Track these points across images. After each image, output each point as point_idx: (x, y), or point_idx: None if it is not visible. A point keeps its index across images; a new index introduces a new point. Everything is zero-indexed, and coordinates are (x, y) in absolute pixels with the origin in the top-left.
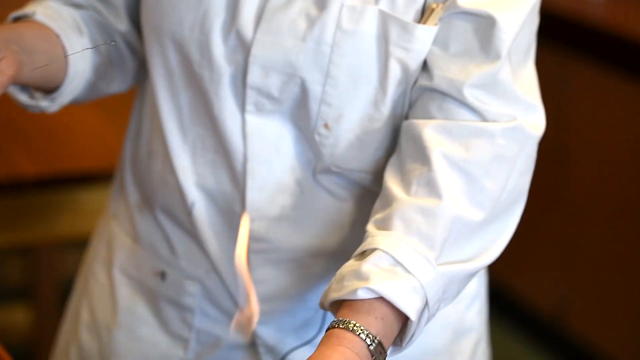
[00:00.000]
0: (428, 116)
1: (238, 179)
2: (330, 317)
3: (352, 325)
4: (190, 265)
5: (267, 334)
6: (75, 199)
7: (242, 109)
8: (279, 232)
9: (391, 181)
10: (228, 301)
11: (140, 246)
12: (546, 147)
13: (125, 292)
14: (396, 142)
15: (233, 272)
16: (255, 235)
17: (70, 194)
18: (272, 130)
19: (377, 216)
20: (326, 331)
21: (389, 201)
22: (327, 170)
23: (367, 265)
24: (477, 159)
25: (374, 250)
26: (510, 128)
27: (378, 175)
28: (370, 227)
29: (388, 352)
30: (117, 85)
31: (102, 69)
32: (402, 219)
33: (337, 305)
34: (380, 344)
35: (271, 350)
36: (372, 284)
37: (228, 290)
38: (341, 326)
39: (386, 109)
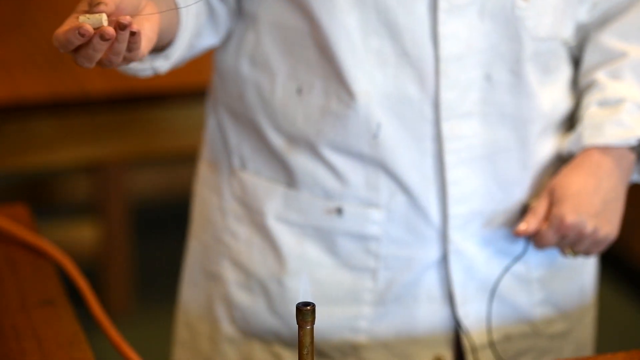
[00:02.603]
0: None
1: (427, 82)
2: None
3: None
4: (371, 193)
5: (459, 238)
6: (144, 117)
7: (434, 8)
8: (470, 129)
9: (611, 40)
10: (417, 218)
11: (300, 190)
12: None
13: (289, 240)
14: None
15: (424, 184)
16: (448, 134)
17: (139, 112)
18: (464, 26)
19: (605, 68)
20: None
21: (614, 56)
22: (517, 58)
23: (626, 116)
24: None
25: (621, 100)
26: None
27: (569, 43)
28: (602, 77)
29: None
30: (207, 39)
31: (199, 20)
32: (634, 70)
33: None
34: None
35: (465, 264)
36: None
37: (417, 205)
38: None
39: None
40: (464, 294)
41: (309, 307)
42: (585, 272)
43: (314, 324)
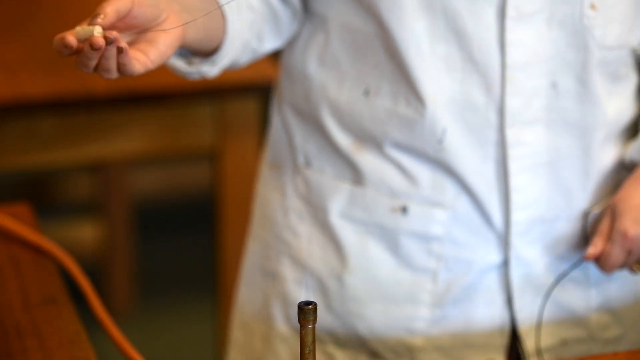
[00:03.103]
0: None
1: (493, 89)
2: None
3: None
4: (436, 193)
5: (521, 244)
6: (146, 116)
7: (501, 15)
8: (534, 136)
9: None
10: (480, 221)
11: (366, 187)
12: None
13: (351, 237)
14: None
15: (487, 189)
16: (512, 140)
17: (141, 111)
18: (531, 34)
19: None
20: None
21: None
22: (584, 66)
23: None
24: None
25: None
26: None
27: (638, 51)
28: None
29: None
30: (270, 42)
31: (257, 26)
32: None
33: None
34: None
35: (525, 269)
36: None
37: (481, 209)
38: None
39: None
40: (523, 299)
41: (310, 306)
42: None
43: (315, 323)
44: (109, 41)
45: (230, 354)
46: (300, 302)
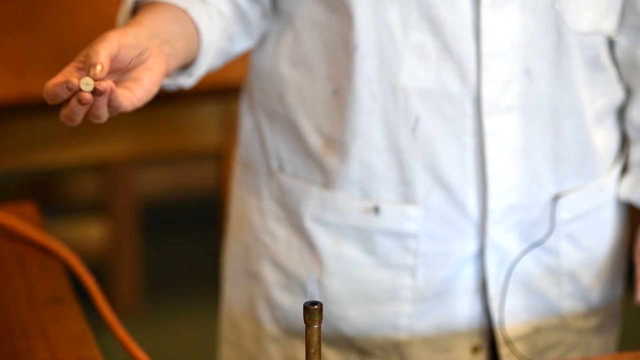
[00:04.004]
0: None
1: (469, 77)
2: (561, 217)
3: None
4: (409, 190)
5: (497, 232)
6: (151, 116)
7: (476, 4)
8: (510, 123)
9: None
10: (455, 213)
11: (336, 191)
12: None
13: (326, 241)
14: None
15: (462, 178)
16: (490, 129)
17: (147, 110)
18: (506, 22)
19: None
20: None
21: None
22: (558, 51)
23: None
24: None
25: None
26: None
27: (612, 37)
28: None
29: None
30: (241, 43)
31: (228, 31)
32: None
33: None
34: None
35: (500, 257)
36: None
37: (455, 199)
38: None
39: None
40: (498, 287)
41: (316, 306)
42: (617, 269)
43: (321, 323)
44: (98, 93)
45: (223, 349)
46: (306, 302)
